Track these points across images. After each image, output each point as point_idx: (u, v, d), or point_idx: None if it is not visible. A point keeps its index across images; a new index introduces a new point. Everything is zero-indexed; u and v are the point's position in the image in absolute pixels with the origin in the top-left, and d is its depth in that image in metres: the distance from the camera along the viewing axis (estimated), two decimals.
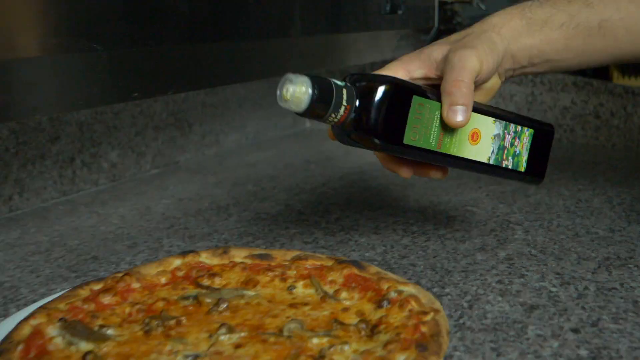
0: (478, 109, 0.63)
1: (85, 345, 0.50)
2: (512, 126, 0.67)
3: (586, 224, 0.81)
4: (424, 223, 0.83)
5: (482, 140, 0.64)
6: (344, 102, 0.55)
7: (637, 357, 0.50)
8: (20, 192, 0.89)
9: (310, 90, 0.53)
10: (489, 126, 0.65)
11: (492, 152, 0.65)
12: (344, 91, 0.55)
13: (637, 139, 1.20)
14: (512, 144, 0.67)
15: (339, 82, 0.56)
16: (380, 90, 0.57)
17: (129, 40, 0.67)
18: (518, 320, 0.57)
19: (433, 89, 0.62)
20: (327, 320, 0.54)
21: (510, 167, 0.68)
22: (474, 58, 0.61)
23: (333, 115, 0.55)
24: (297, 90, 0.53)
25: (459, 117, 0.59)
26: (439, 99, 0.60)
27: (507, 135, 0.66)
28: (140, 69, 0.70)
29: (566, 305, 0.59)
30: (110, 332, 0.52)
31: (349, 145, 0.61)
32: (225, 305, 0.56)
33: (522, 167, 0.69)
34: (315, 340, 0.50)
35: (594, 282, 0.64)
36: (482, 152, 0.65)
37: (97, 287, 0.58)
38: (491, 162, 0.66)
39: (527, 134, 0.68)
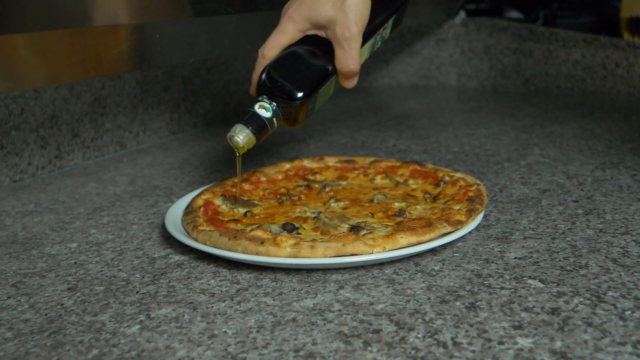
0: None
1: (242, 209, 0.75)
2: (381, 29, 0.82)
3: (589, 143, 1.04)
4: (462, 146, 1.06)
5: (363, 56, 0.78)
6: (275, 123, 0.72)
7: (616, 213, 0.74)
8: (144, 130, 1.14)
9: (252, 133, 0.71)
10: (366, 47, 0.79)
11: (369, 54, 0.82)
12: (274, 120, 0.72)
13: (638, 85, 1.42)
14: (381, 35, 0.83)
15: (265, 114, 0.71)
16: (296, 103, 0.72)
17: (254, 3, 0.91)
18: (535, 197, 0.80)
19: (323, 53, 0.75)
20: (402, 195, 0.78)
21: (379, 46, 0.84)
22: (359, 17, 0.72)
23: (275, 128, 0.73)
24: (244, 138, 0.71)
25: (354, 83, 0.77)
26: (331, 66, 0.75)
27: (377, 37, 0.82)
28: (254, 28, 0.94)
29: (570, 189, 0.83)
30: (256, 202, 0.77)
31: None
32: (329, 188, 0.80)
33: (387, 37, 0.85)
34: (396, 204, 0.74)
35: (591, 177, 0.87)
36: (362, 59, 0.78)
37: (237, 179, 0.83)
38: (368, 57, 0.82)
39: (390, 21, 0.84)
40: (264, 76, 0.74)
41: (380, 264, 0.62)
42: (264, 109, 0.72)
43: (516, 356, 0.46)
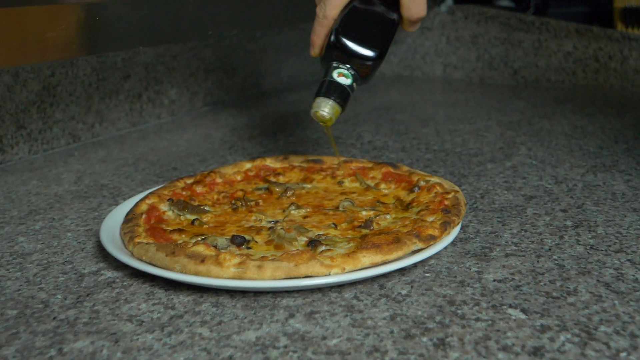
0: None
1: (190, 216, 0.67)
2: None
3: (580, 143, 0.96)
4: (443, 144, 0.98)
5: None
6: (355, 88, 0.72)
7: (608, 226, 0.66)
8: (100, 121, 1.05)
9: (336, 103, 0.71)
10: None
11: None
12: (354, 85, 0.71)
13: (632, 79, 1.34)
14: None
15: (345, 81, 0.71)
16: (375, 63, 0.72)
17: None
18: (519, 205, 0.72)
19: (385, 2, 0.74)
20: (372, 202, 0.70)
21: None
22: None
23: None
24: (330, 111, 0.71)
25: (417, 26, 0.77)
26: (396, 15, 0.74)
27: None
28: (217, 11, 0.85)
29: (558, 195, 0.75)
30: (207, 208, 0.69)
31: None
32: (291, 193, 0.72)
33: None
34: (364, 213, 0.66)
35: (582, 181, 0.80)
36: None
37: (190, 181, 0.74)
38: None
39: None
40: (333, 38, 0.70)
41: (339, 286, 0.54)
42: (343, 77, 0.70)
43: None
